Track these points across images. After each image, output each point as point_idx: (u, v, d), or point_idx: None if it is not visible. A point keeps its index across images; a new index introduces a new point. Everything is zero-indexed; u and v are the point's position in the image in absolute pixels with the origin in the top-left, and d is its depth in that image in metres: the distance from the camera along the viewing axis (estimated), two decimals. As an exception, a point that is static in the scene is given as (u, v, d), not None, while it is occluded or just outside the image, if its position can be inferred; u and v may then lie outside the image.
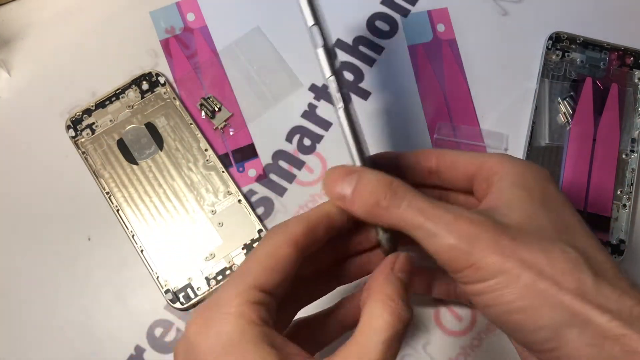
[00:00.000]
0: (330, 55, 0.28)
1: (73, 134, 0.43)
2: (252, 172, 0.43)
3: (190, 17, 0.47)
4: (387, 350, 0.26)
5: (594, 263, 0.27)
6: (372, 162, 0.30)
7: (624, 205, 0.42)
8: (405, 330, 0.27)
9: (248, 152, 0.44)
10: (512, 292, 0.26)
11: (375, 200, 0.28)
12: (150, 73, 0.44)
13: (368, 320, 0.27)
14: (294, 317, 0.32)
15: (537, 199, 0.28)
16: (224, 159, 0.43)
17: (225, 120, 0.44)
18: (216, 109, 0.44)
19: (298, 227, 0.28)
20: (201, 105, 0.44)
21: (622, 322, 0.25)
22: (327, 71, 0.28)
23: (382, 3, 0.47)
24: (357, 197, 0.28)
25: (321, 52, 0.28)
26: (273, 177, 0.44)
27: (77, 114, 0.43)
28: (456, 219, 0.27)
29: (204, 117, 0.44)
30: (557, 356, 0.26)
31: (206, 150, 0.43)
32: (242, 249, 0.41)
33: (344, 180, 0.29)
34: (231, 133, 0.44)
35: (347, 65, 0.46)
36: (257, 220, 0.42)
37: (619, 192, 0.42)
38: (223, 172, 0.42)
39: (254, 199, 0.43)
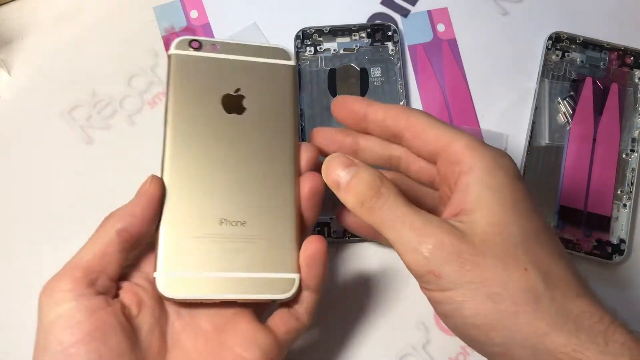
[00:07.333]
0: None
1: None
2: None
3: (194, 14, 0.47)
4: None
5: (555, 280, 0.27)
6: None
7: (624, 205, 0.42)
8: None
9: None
10: (469, 308, 0.26)
11: (361, 199, 0.30)
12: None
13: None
14: None
15: (508, 203, 0.28)
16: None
17: None
18: None
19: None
20: None
21: (579, 346, 0.25)
22: None
23: (382, 3, 0.47)
24: (349, 191, 0.31)
25: None
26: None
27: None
28: (425, 225, 0.28)
29: None
30: None
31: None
32: None
33: (343, 170, 0.31)
34: None
35: (347, 65, 0.46)
36: None
37: (619, 192, 0.42)
38: None
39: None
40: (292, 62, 0.36)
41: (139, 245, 0.31)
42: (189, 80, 0.34)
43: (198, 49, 0.35)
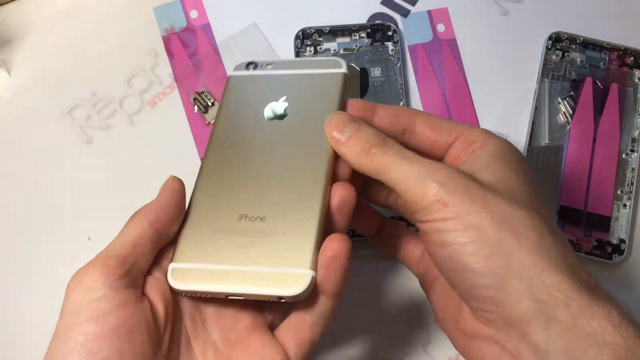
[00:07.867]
0: None
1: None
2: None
3: (194, 14, 0.47)
4: None
5: (555, 231, 0.27)
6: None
7: (625, 205, 0.42)
8: None
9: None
10: (471, 235, 0.26)
11: (366, 147, 0.30)
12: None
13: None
14: None
15: (514, 169, 0.30)
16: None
17: None
18: (209, 104, 0.44)
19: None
20: (194, 99, 0.44)
21: (573, 287, 0.25)
22: None
23: (382, 3, 0.47)
24: (350, 142, 0.30)
25: None
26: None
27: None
28: (434, 163, 0.29)
29: (196, 111, 0.44)
30: (493, 307, 0.26)
31: None
32: None
33: (345, 126, 0.31)
34: None
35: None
36: None
37: (619, 192, 0.42)
38: None
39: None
40: (342, 70, 0.35)
41: (167, 240, 0.31)
42: (239, 95, 0.35)
43: (254, 69, 0.36)
